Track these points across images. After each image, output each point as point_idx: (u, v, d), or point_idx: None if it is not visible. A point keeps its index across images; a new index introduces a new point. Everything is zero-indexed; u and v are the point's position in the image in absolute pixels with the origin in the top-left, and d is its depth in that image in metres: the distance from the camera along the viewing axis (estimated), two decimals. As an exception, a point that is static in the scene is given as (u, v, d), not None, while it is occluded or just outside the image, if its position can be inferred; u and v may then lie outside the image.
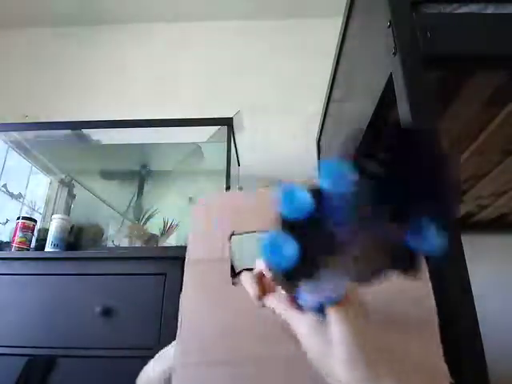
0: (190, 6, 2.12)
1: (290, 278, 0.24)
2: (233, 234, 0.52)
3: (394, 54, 0.70)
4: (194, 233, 0.54)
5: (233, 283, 0.49)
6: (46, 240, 1.25)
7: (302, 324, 0.31)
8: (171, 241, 1.46)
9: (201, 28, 2.18)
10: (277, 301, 0.33)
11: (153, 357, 0.55)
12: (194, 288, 0.49)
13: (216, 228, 0.52)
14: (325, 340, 0.29)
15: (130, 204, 1.61)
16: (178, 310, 0.48)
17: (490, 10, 0.75)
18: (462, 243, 0.56)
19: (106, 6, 2.12)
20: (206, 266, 0.50)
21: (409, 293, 0.42)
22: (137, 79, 2.07)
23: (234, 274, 0.50)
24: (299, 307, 0.32)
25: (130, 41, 2.19)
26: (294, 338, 0.32)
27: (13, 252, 1.21)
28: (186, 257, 0.51)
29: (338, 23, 1.18)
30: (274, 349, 0.43)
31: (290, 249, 0.22)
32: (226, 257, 0.50)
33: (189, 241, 0.53)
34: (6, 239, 1.35)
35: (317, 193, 0.22)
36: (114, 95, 2.02)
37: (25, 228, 1.26)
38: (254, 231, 0.52)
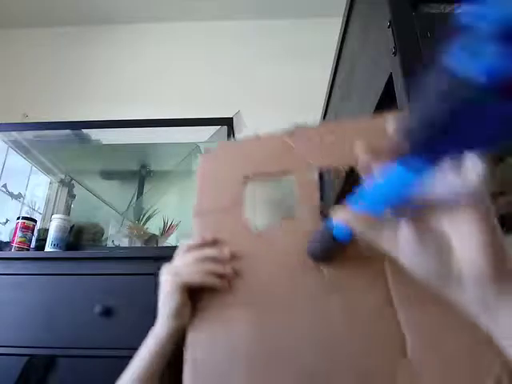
0: (189, 6, 2.12)
1: None
2: (247, 178, 0.46)
3: (394, 54, 0.70)
4: (202, 183, 0.49)
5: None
6: (45, 240, 1.25)
7: (401, 232, 0.27)
8: (171, 241, 1.46)
9: (201, 28, 2.18)
10: (354, 216, 0.29)
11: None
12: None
13: (227, 176, 0.48)
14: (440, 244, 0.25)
15: (129, 204, 1.61)
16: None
17: (490, 10, 0.74)
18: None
19: (106, 6, 2.12)
20: (219, 215, 0.45)
21: None
22: (137, 79, 2.07)
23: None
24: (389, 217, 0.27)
25: (130, 41, 2.19)
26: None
27: (13, 252, 1.21)
28: (194, 209, 0.47)
29: (338, 23, 1.18)
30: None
31: None
32: (240, 202, 0.45)
33: (197, 192, 0.48)
34: (6, 239, 1.35)
35: None
36: (115, 95, 2.02)
37: (25, 228, 1.26)
38: (270, 178, 0.47)
